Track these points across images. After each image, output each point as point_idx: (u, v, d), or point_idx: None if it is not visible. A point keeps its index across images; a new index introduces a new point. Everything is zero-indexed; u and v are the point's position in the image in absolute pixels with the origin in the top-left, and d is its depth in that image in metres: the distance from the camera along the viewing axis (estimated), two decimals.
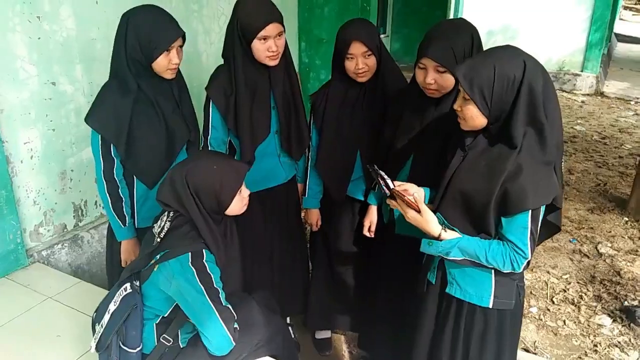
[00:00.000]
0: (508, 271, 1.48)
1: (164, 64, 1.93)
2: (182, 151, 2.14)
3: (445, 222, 1.56)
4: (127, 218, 2.05)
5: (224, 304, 1.63)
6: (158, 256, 1.67)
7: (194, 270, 1.60)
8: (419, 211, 1.52)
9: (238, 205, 1.78)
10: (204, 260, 1.63)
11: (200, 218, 1.68)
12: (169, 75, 1.98)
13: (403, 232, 1.98)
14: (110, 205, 2.02)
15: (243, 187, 1.78)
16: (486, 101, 1.39)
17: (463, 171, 1.51)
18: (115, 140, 1.95)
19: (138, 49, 1.89)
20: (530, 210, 1.40)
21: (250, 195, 2.29)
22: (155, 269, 1.66)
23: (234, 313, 1.66)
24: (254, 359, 1.83)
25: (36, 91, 2.50)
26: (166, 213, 1.74)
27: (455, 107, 1.48)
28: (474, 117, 1.43)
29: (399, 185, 1.58)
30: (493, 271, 1.53)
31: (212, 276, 1.63)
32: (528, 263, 1.47)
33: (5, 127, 2.40)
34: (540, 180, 1.40)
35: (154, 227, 1.76)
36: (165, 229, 1.70)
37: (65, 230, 2.79)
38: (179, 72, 2.08)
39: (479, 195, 1.46)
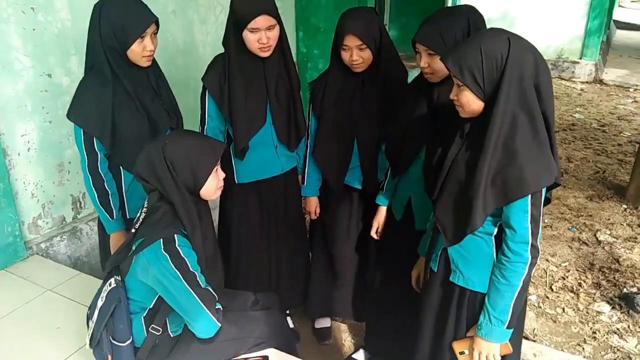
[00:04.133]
0: (527, 263, 1.47)
1: (138, 52, 1.91)
2: None
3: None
4: (114, 211, 2.04)
5: (203, 287, 1.62)
6: (134, 247, 1.67)
7: (167, 256, 1.58)
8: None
9: (213, 185, 1.73)
10: (176, 245, 1.61)
11: (176, 193, 1.64)
12: (144, 62, 1.96)
13: (424, 228, 1.97)
14: (97, 199, 2.02)
15: (219, 169, 1.76)
16: (478, 84, 1.38)
17: (460, 160, 1.50)
18: (100, 133, 1.94)
19: (112, 37, 1.88)
20: (529, 195, 1.40)
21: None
22: (132, 261, 1.66)
23: (214, 294, 1.66)
24: (254, 352, 1.84)
25: (32, 83, 2.48)
26: (143, 204, 1.73)
27: (451, 96, 1.48)
28: (470, 102, 1.42)
29: None
30: (495, 258, 1.54)
31: (187, 260, 1.61)
32: (535, 248, 1.46)
33: (1, 119, 2.39)
34: (537, 162, 1.39)
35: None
36: (141, 219, 1.70)
37: (64, 222, 2.79)
38: (154, 60, 2.05)
39: (472, 184, 1.44)
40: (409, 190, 2.00)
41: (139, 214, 1.72)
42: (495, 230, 1.53)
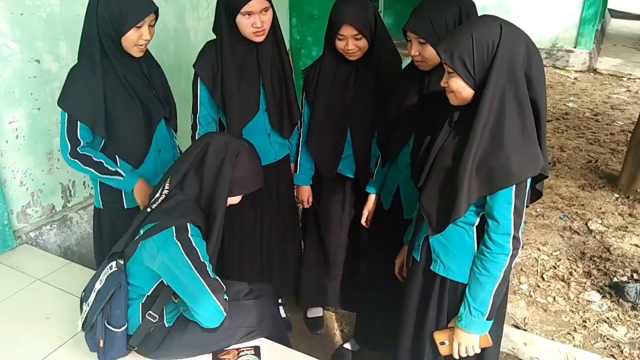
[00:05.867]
0: (508, 254, 1.47)
1: (133, 39, 1.89)
2: (161, 126, 2.11)
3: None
4: (118, 170, 1.99)
5: (212, 277, 1.63)
6: (142, 231, 1.66)
7: (179, 244, 1.58)
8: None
9: (235, 201, 1.84)
10: (189, 235, 1.61)
11: (225, 188, 1.72)
12: (136, 52, 1.94)
13: (412, 217, 1.97)
14: (97, 173, 1.98)
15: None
16: (469, 70, 1.37)
17: (447, 148, 1.50)
18: (92, 122, 1.91)
19: (109, 23, 1.85)
20: (514, 185, 1.39)
21: None
22: (139, 245, 1.64)
23: (223, 285, 1.66)
24: (245, 342, 1.83)
25: (19, 69, 2.44)
26: (162, 186, 1.72)
27: (442, 83, 1.47)
28: (460, 89, 1.41)
29: None
30: (475, 248, 1.54)
31: (198, 250, 1.62)
32: (517, 240, 1.46)
33: None
34: (524, 152, 1.38)
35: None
36: (159, 200, 1.69)
37: (53, 211, 2.76)
38: (147, 52, 2.04)
39: (458, 172, 1.44)
40: (398, 179, 2.00)
41: (158, 194, 1.71)
42: (477, 220, 1.52)
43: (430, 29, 1.66)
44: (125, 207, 2.10)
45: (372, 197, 2.18)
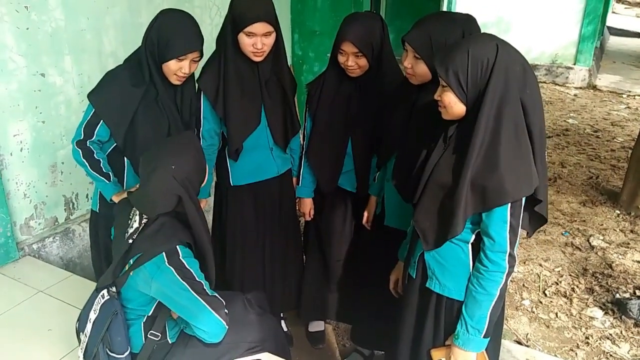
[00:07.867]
0: (504, 272, 1.46)
1: (172, 69, 1.95)
2: None
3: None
4: (110, 175, 2.03)
5: (210, 294, 1.62)
6: (131, 261, 1.63)
7: (172, 270, 1.57)
8: None
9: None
10: (180, 258, 1.60)
11: (192, 206, 1.65)
12: (174, 80, 2.00)
13: (392, 225, 1.98)
14: (90, 168, 2.01)
15: None
16: (462, 86, 1.39)
17: (443, 164, 1.50)
18: (115, 127, 1.96)
19: (155, 47, 1.91)
20: (509, 204, 1.40)
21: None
22: (131, 274, 1.62)
23: (222, 300, 1.65)
24: (247, 357, 1.82)
25: (25, 82, 2.47)
26: (137, 214, 1.66)
27: (436, 96, 1.48)
28: (452, 104, 1.42)
29: None
30: (471, 265, 1.53)
31: (192, 270, 1.61)
32: (512, 258, 1.46)
33: None
34: (518, 172, 1.39)
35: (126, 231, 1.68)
36: (139, 229, 1.64)
37: (56, 223, 2.76)
38: (192, 81, 2.10)
39: (455, 190, 1.44)
40: (385, 186, 2.04)
41: (137, 225, 1.65)
42: (472, 237, 1.52)
43: (429, 47, 1.65)
44: None
45: (373, 199, 2.22)
